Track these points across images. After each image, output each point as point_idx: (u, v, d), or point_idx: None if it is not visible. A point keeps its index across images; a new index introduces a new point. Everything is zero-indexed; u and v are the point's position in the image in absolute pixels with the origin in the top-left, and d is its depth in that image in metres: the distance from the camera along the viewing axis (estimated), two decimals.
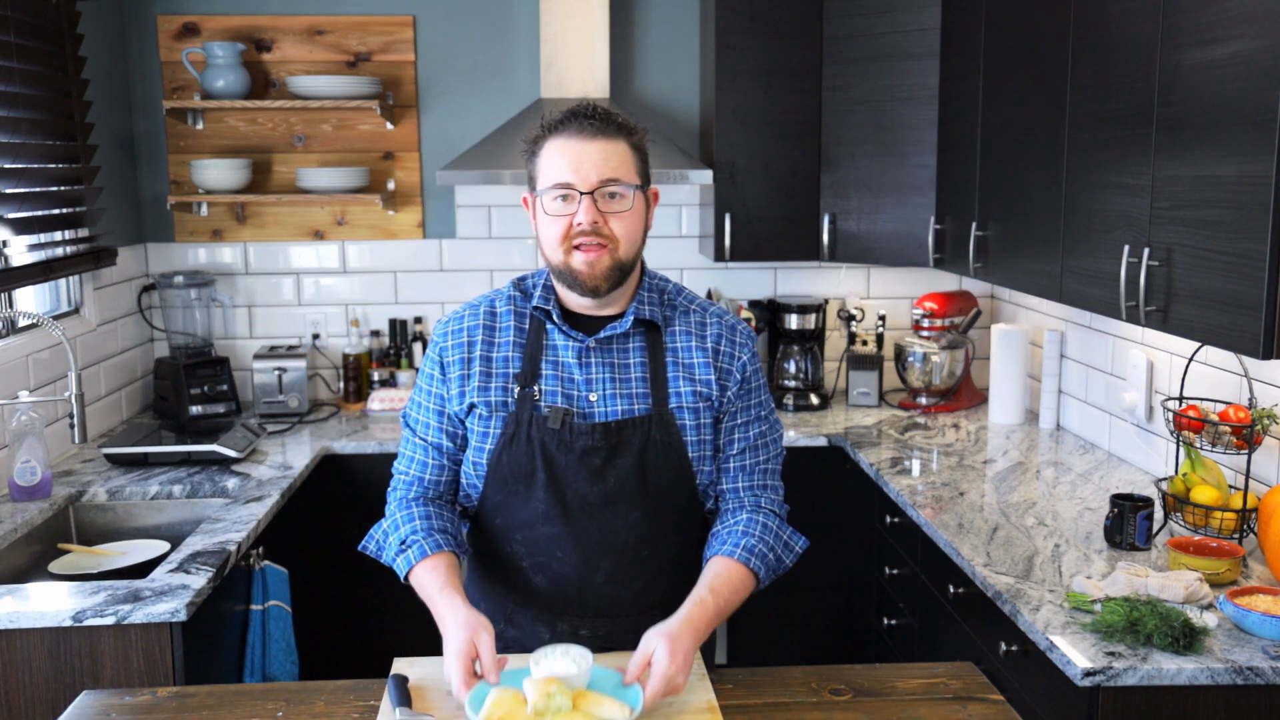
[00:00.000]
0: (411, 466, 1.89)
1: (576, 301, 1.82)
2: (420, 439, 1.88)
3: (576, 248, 1.75)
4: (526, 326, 1.85)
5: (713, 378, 1.84)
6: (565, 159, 1.73)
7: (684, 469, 1.82)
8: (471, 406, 1.82)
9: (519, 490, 1.81)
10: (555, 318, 1.81)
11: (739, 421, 1.87)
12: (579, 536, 1.81)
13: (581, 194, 1.72)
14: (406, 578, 1.80)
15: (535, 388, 1.80)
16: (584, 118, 1.74)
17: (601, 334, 1.81)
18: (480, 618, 1.65)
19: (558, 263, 1.78)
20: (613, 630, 1.84)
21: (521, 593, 1.87)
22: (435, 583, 1.74)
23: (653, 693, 1.57)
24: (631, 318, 1.82)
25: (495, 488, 1.83)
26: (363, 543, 1.92)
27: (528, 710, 1.53)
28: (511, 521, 1.84)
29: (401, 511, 1.85)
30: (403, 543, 1.80)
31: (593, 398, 1.80)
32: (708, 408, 1.83)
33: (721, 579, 1.75)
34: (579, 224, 1.73)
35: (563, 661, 1.59)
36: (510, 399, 1.81)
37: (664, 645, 1.60)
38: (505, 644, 1.86)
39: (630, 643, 1.72)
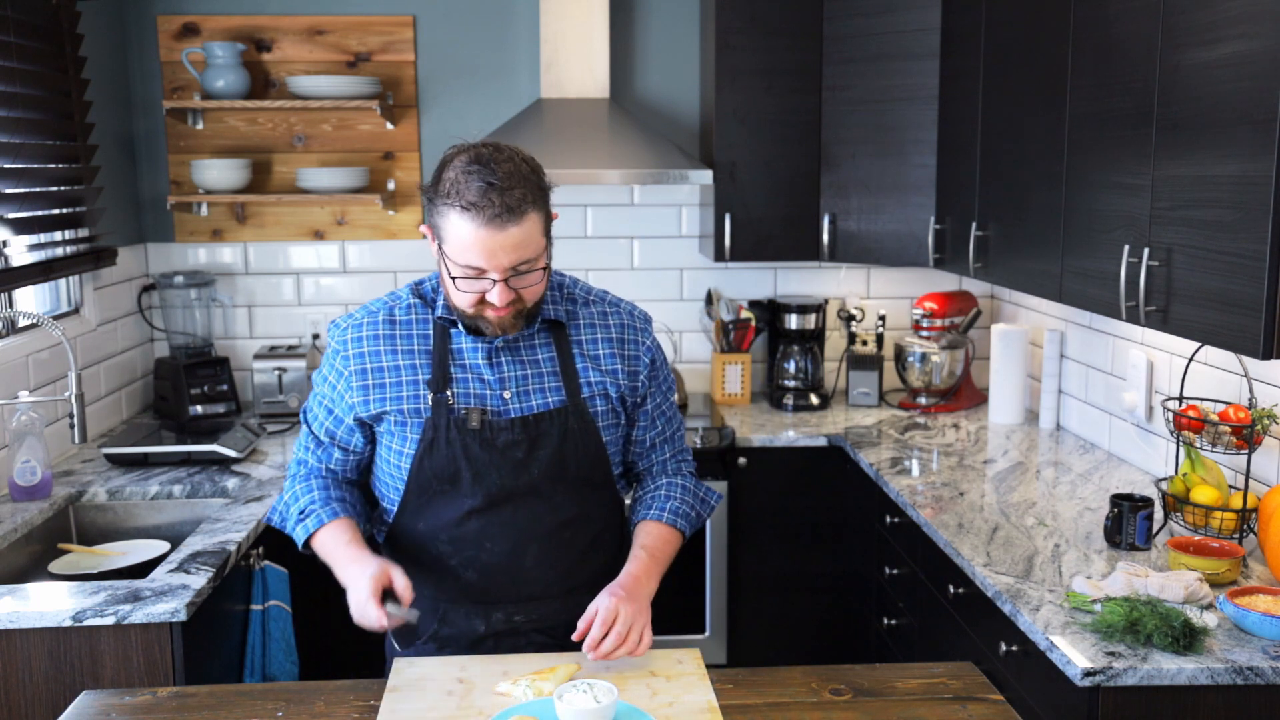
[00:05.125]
0: (310, 456, 1.94)
1: None
2: (320, 438, 1.93)
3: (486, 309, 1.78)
4: (430, 332, 1.87)
5: (620, 367, 1.92)
6: (477, 248, 1.70)
7: (600, 454, 1.90)
8: (382, 415, 1.85)
9: (443, 490, 1.85)
10: (460, 325, 1.84)
11: (656, 401, 1.98)
12: (505, 525, 1.86)
13: (495, 281, 1.73)
14: (306, 545, 1.87)
15: (449, 392, 1.84)
16: (492, 203, 1.68)
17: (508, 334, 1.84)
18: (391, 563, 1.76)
19: (464, 315, 1.81)
20: (545, 613, 1.90)
21: (451, 589, 1.90)
22: (339, 539, 1.82)
23: (594, 635, 1.71)
24: (539, 319, 1.86)
25: (417, 492, 1.87)
26: (267, 515, 1.99)
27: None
28: (436, 522, 1.88)
29: (300, 484, 1.91)
30: (302, 512, 1.87)
31: (506, 395, 1.86)
32: (617, 395, 1.92)
33: (654, 536, 1.91)
34: (492, 301, 1.75)
35: (582, 698, 1.56)
36: (424, 405, 1.84)
37: (606, 599, 1.75)
38: (440, 642, 1.90)
39: (563, 624, 1.83)
